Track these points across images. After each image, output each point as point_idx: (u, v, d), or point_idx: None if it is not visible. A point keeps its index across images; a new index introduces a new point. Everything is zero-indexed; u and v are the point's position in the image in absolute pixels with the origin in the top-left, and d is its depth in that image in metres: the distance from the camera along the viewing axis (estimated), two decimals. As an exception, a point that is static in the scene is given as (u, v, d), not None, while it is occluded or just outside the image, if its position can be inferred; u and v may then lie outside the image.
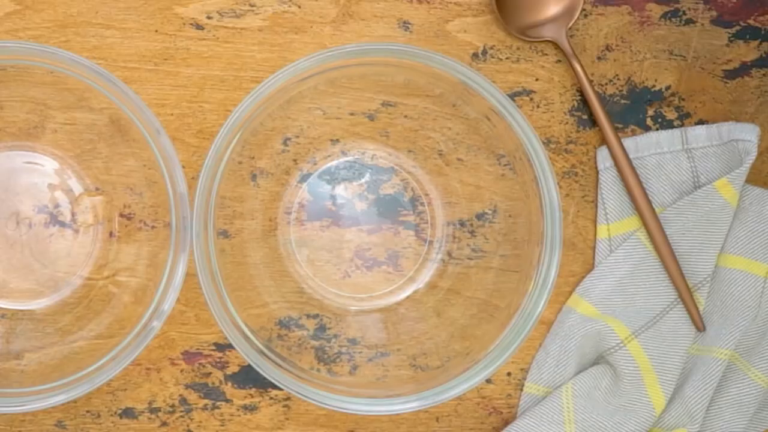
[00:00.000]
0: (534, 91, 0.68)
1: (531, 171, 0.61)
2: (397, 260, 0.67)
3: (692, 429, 0.67)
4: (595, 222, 0.68)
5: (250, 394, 0.67)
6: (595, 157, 0.68)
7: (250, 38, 0.67)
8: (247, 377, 0.67)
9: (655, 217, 0.67)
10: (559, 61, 0.68)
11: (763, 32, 0.69)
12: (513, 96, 0.68)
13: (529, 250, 0.62)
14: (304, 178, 0.66)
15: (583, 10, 0.68)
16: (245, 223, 0.66)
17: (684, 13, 0.69)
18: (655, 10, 0.68)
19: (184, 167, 0.61)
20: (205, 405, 0.67)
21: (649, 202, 0.67)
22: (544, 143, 0.65)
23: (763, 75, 0.69)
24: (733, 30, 0.69)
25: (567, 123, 0.68)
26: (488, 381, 0.68)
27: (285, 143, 0.66)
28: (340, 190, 0.67)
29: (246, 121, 0.61)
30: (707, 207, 0.66)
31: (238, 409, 0.67)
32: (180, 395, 0.67)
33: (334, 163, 0.67)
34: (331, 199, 0.67)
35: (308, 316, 0.66)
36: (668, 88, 0.69)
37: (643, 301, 0.67)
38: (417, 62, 0.61)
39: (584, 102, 0.68)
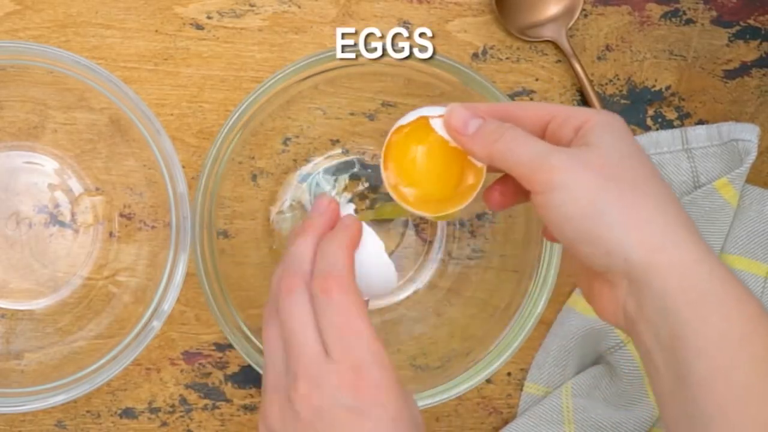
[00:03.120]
0: (534, 91, 0.68)
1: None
2: (398, 260, 0.67)
3: (692, 429, 0.67)
4: (595, 222, 0.68)
5: (250, 394, 0.67)
6: (595, 157, 0.68)
7: (250, 38, 0.67)
8: (247, 377, 0.67)
9: (655, 217, 0.66)
10: (559, 61, 0.68)
11: (763, 32, 0.69)
12: (513, 96, 0.68)
13: (529, 250, 0.62)
14: (304, 178, 0.66)
15: (583, 10, 0.68)
16: (245, 223, 0.66)
17: (684, 13, 0.69)
18: (655, 10, 0.68)
19: (184, 167, 0.61)
20: (205, 405, 0.67)
21: (649, 202, 0.67)
22: (544, 143, 0.65)
23: (763, 75, 0.69)
24: (733, 30, 0.69)
25: (567, 123, 0.68)
26: (488, 381, 0.68)
27: (285, 143, 0.66)
28: (340, 190, 0.67)
29: (246, 121, 0.61)
30: (707, 207, 0.66)
31: (238, 409, 0.67)
32: (180, 395, 0.67)
33: (334, 163, 0.67)
34: (331, 199, 0.66)
35: (308, 316, 0.66)
36: (668, 88, 0.69)
37: (643, 301, 0.67)
38: (417, 62, 0.61)
39: (584, 102, 0.68)
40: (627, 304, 0.47)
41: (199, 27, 0.66)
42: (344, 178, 0.66)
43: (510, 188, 0.53)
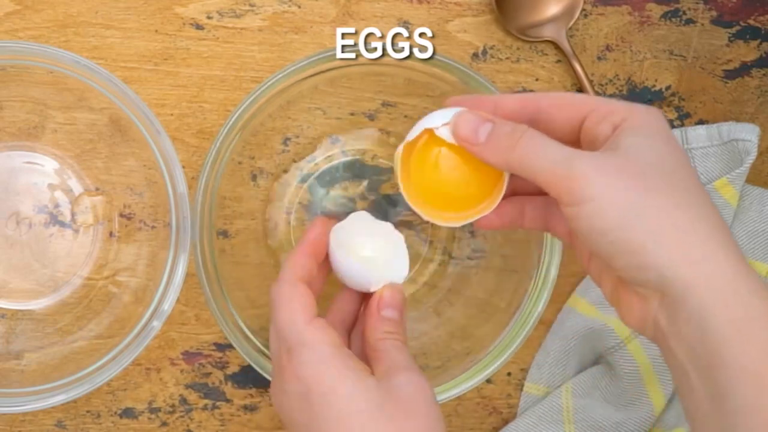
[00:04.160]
0: (534, 91, 0.68)
1: (531, 171, 0.61)
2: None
3: (692, 429, 0.67)
4: (595, 222, 0.68)
5: (250, 394, 0.67)
6: (595, 157, 0.68)
7: (250, 38, 0.67)
8: (247, 377, 0.67)
9: (655, 217, 0.66)
10: (559, 61, 0.68)
11: (763, 32, 0.69)
12: (513, 96, 0.68)
13: (529, 250, 0.62)
14: (304, 179, 0.66)
15: (583, 10, 0.68)
16: (245, 223, 0.66)
17: (684, 13, 0.69)
18: (655, 10, 0.68)
19: (184, 167, 0.61)
20: (205, 405, 0.67)
21: (649, 202, 0.67)
22: (544, 143, 0.65)
23: (763, 75, 0.69)
24: (733, 30, 0.69)
25: (567, 123, 0.68)
26: (488, 381, 0.68)
27: (285, 143, 0.66)
28: (340, 190, 0.67)
29: (246, 121, 0.61)
30: (707, 207, 0.66)
31: (238, 409, 0.67)
32: (180, 395, 0.67)
33: (334, 163, 0.67)
34: (331, 200, 0.67)
35: (308, 316, 0.66)
36: (668, 88, 0.69)
37: (643, 301, 0.67)
38: (417, 62, 0.61)
39: (584, 102, 0.68)
40: (658, 319, 0.45)
41: (199, 27, 0.66)
42: (344, 183, 0.66)
43: (506, 210, 0.53)
